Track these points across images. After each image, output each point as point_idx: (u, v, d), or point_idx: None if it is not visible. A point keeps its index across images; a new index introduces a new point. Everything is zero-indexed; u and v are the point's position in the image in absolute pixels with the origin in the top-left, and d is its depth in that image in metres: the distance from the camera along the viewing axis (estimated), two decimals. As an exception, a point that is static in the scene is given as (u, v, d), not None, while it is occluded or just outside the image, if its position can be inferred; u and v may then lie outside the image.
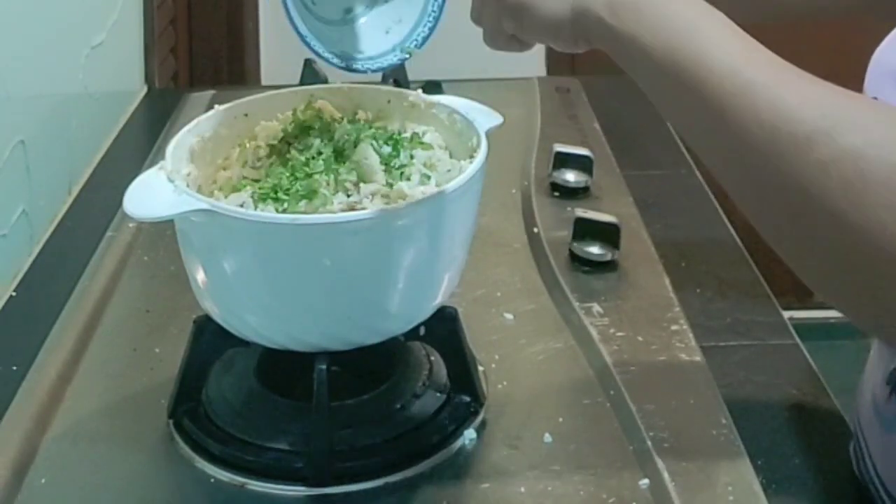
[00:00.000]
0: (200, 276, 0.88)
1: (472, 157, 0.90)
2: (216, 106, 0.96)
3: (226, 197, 0.87)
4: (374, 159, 0.90)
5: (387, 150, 0.91)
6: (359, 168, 0.88)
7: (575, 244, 1.17)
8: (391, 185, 0.88)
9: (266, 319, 0.87)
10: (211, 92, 1.66)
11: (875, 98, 0.85)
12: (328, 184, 0.86)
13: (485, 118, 0.95)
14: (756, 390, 1.01)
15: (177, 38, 2.05)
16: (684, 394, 0.96)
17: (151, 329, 1.07)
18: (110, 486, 0.88)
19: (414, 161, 0.90)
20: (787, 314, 1.13)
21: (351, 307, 0.86)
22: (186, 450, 0.90)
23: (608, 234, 1.17)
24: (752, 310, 1.13)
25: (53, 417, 0.95)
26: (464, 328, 0.94)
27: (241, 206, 0.85)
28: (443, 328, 0.92)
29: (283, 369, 0.94)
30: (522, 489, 0.86)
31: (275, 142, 0.92)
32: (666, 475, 0.86)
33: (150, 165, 0.87)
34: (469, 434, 0.91)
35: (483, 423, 0.93)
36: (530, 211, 1.27)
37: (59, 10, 1.38)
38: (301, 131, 0.94)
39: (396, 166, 0.90)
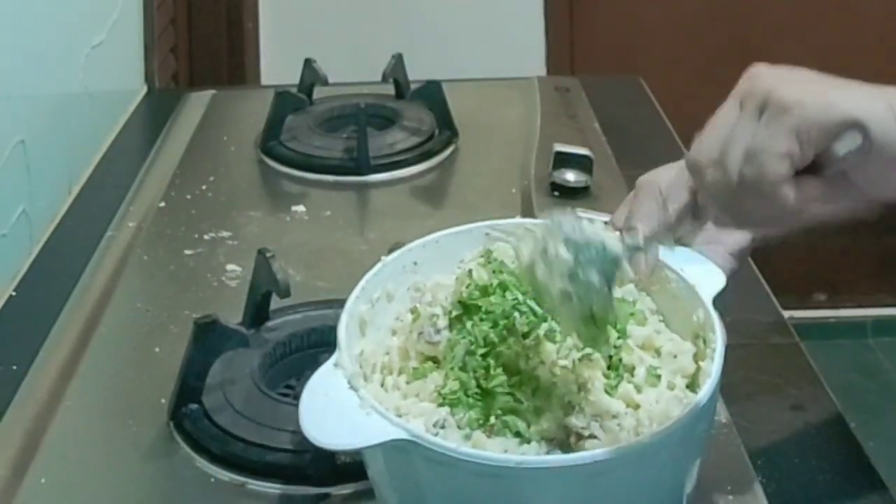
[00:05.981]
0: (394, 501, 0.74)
1: (698, 337, 0.73)
2: (382, 258, 0.82)
3: (407, 384, 0.73)
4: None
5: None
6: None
7: (575, 244, 1.17)
8: (612, 386, 0.69)
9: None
10: (211, 92, 1.65)
11: None
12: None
13: (707, 281, 0.75)
14: (756, 390, 1.01)
15: (177, 37, 2.05)
16: (684, 394, 0.95)
17: (151, 329, 1.07)
18: (110, 486, 0.88)
19: (629, 340, 0.71)
20: (787, 314, 1.13)
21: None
22: (186, 450, 0.90)
23: (608, 235, 1.16)
24: (752, 310, 1.13)
25: (53, 417, 0.95)
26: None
27: (440, 426, 0.69)
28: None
29: (283, 369, 0.94)
30: (522, 489, 0.85)
31: (453, 311, 0.76)
32: (666, 475, 0.86)
33: (150, 166, 0.86)
34: (469, 434, 0.90)
35: (483, 424, 0.92)
36: (530, 211, 1.27)
37: (59, 10, 1.38)
38: (482, 295, 0.75)
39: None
